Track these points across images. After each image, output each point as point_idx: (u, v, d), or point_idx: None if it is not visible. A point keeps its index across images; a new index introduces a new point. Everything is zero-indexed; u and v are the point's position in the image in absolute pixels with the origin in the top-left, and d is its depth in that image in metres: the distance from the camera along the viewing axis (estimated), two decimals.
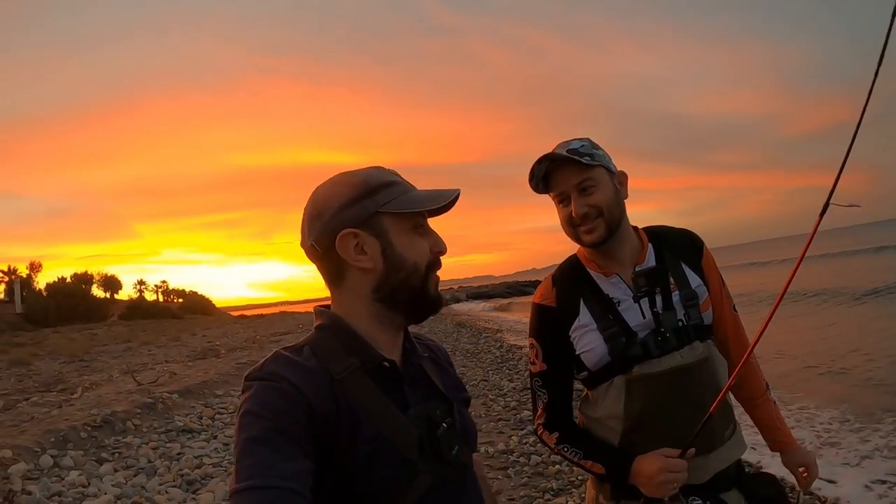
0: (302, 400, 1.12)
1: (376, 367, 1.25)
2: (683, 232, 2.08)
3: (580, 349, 1.91)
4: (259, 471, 1.03)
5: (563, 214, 1.90)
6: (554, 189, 1.90)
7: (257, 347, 16.53)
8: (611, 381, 1.88)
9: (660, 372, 1.83)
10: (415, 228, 1.29)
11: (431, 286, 1.32)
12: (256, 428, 1.08)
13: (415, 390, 1.31)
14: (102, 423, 7.00)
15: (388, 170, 1.35)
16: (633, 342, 1.86)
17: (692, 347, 1.86)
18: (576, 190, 1.86)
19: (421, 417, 1.26)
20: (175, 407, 8.36)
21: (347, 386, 1.20)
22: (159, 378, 10.97)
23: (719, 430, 1.87)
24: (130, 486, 5.31)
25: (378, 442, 1.17)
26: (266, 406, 1.10)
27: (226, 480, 5.27)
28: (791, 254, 50.49)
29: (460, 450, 1.30)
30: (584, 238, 1.89)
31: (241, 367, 11.97)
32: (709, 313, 1.95)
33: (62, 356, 17.69)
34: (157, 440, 6.86)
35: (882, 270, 25.13)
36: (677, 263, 1.96)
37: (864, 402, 8.02)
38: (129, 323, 37.78)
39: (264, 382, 1.14)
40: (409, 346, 1.37)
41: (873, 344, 12.04)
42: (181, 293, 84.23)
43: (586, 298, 1.94)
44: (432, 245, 1.32)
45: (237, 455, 1.07)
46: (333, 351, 1.24)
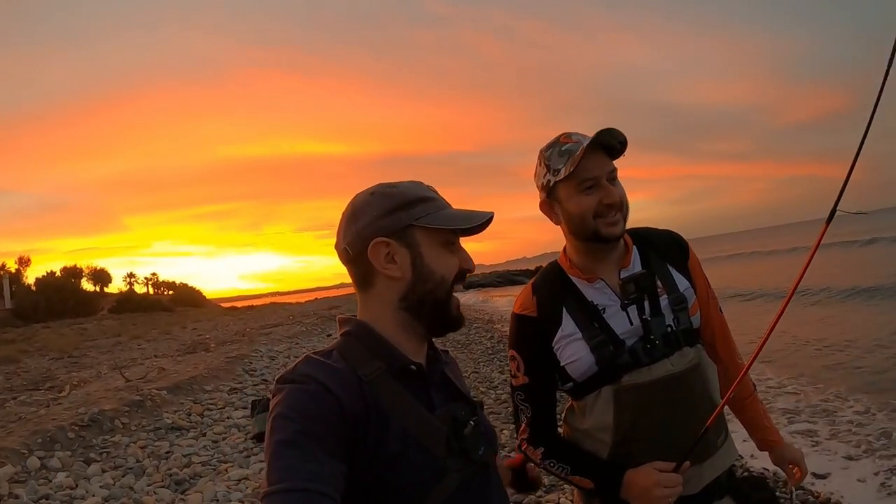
0: (333, 401, 1.14)
1: (403, 370, 1.28)
2: (667, 233, 2.01)
3: (565, 360, 1.83)
4: (289, 474, 1.04)
5: (587, 203, 1.77)
6: (585, 173, 1.75)
7: (247, 340, 16.46)
8: (598, 392, 1.80)
9: (650, 381, 1.76)
10: (445, 244, 1.33)
11: (453, 304, 1.35)
12: (287, 431, 1.10)
13: (439, 393, 1.35)
14: (90, 422, 6.95)
15: (426, 186, 1.38)
16: (621, 350, 1.78)
17: (682, 354, 1.79)
18: (607, 177, 1.77)
19: (447, 417, 1.29)
20: (164, 404, 8.30)
21: (375, 387, 1.22)
22: (148, 374, 10.94)
23: (713, 438, 1.81)
24: (119, 487, 5.28)
25: (407, 441, 1.20)
26: (297, 409, 1.12)
27: (215, 480, 5.25)
28: (782, 245, 50.32)
29: (485, 450, 1.33)
30: (605, 230, 1.77)
31: (231, 362, 11.96)
32: (697, 317, 1.89)
33: (51, 352, 17.62)
34: (146, 438, 6.81)
35: (873, 265, 24.47)
36: (664, 266, 1.90)
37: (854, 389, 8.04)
38: (120, 317, 37.69)
39: (295, 385, 1.16)
40: (433, 353, 1.40)
41: (865, 337, 11.82)
42: (171, 285, 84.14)
43: (569, 307, 1.86)
44: (462, 262, 1.35)
45: (268, 458, 1.09)
46: (360, 355, 1.27)
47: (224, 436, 6.94)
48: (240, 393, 9.48)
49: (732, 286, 23.11)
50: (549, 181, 1.81)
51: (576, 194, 1.79)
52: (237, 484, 5.02)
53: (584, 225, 1.79)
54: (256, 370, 11.61)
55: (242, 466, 5.62)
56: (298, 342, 16.31)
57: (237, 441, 6.60)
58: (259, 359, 12.93)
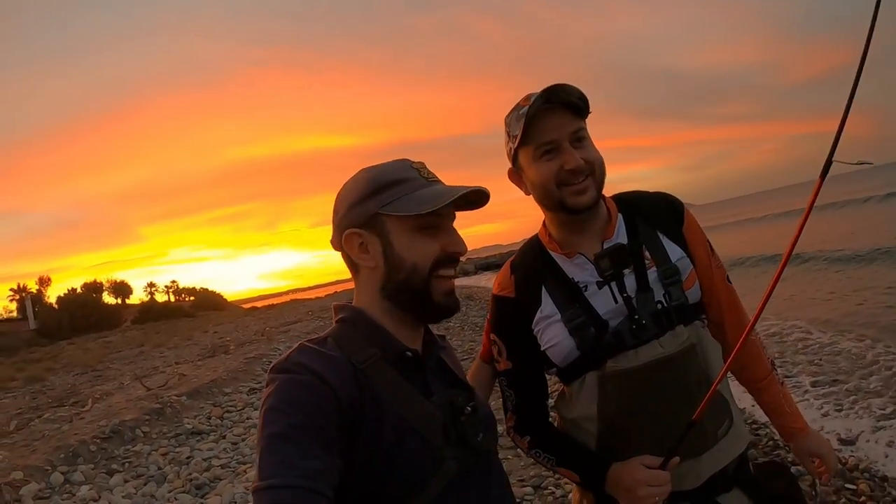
0: (328, 391, 1.12)
1: (399, 356, 1.26)
2: (659, 196, 1.79)
3: (545, 344, 1.67)
4: (279, 469, 1.02)
5: (549, 169, 1.60)
6: (541, 137, 1.59)
7: (266, 340, 16.58)
8: (583, 379, 1.64)
9: (637, 367, 1.58)
10: (419, 229, 1.26)
11: (436, 290, 1.28)
12: (279, 424, 1.07)
13: (436, 379, 1.32)
14: (112, 433, 7.06)
15: (408, 164, 1.32)
16: (604, 333, 1.61)
17: (675, 334, 1.60)
18: (569, 139, 1.58)
19: (444, 404, 1.26)
20: (183, 410, 8.42)
21: (370, 375, 1.20)
22: (168, 381, 11.06)
23: (711, 429, 1.62)
24: (141, 495, 5.37)
25: (403, 428, 1.18)
26: (290, 401, 1.10)
27: (234, 482, 5.34)
28: (789, 206, 47.90)
29: (485, 436, 1.29)
30: (571, 200, 1.60)
31: (250, 362, 12.06)
32: (695, 290, 1.68)
33: (76, 368, 17.82)
34: (167, 445, 6.93)
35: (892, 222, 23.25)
36: (653, 235, 1.69)
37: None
38: (143, 326, 37.99)
39: (289, 375, 1.14)
40: (430, 338, 1.37)
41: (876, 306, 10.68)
42: (192, 291, 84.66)
43: (548, 285, 1.69)
44: (446, 244, 1.28)
45: (259, 452, 1.06)
46: (355, 342, 1.24)
47: (244, 437, 7.03)
48: (258, 393, 9.54)
49: (741, 253, 22.09)
50: (511, 148, 1.67)
51: (534, 161, 1.63)
52: None
53: (548, 194, 1.63)
54: None
55: None
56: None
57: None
58: (277, 356, 12.95)
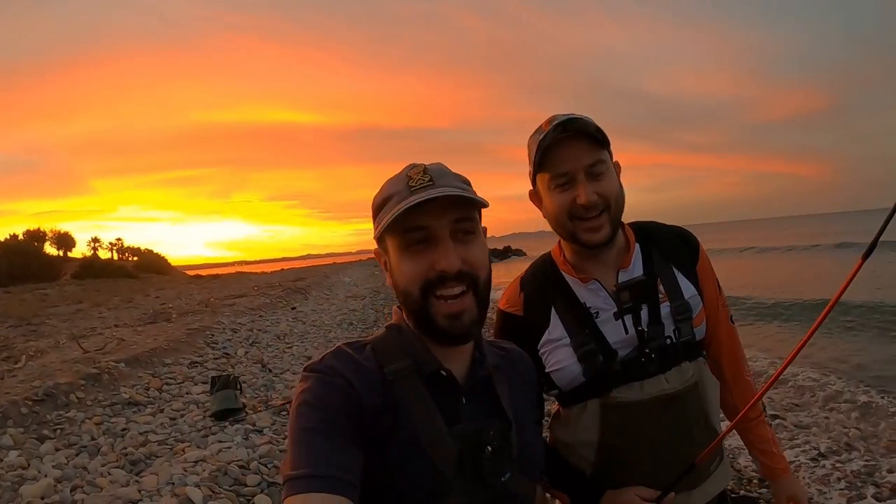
0: (354, 395, 1.16)
1: (432, 374, 1.23)
2: (676, 230, 1.82)
3: (550, 366, 1.69)
4: (314, 459, 1.06)
5: (561, 202, 1.60)
6: (557, 168, 1.59)
7: (210, 311, 16.25)
8: (585, 405, 1.67)
9: (641, 400, 1.62)
10: (405, 247, 1.22)
11: (437, 312, 1.21)
12: (313, 419, 1.12)
13: (473, 404, 1.27)
14: (45, 396, 6.77)
15: (401, 176, 1.25)
16: (612, 362, 1.64)
17: (680, 370, 1.64)
18: (585, 172, 1.57)
19: (469, 435, 1.21)
20: (121, 377, 8.13)
21: (398, 387, 1.21)
22: (107, 345, 10.72)
23: (706, 465, 1.67)
24: (72, 466, 5.14)
25: (412, 447, 1.17)
26: (322, 398, 1.14)
27: (171, 461, 5.15)
28: (743, 241, 49.85)
29: (512, 477, 1.23)
30: (584, 236, 1.62)
31: (192, 334, 11.76)
32: (702, 328, 1.73)
33: (10, 319, 17.28)
34: (102, 414, 6.66)
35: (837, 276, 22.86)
36: (668, 269, 1.71)
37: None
38: (82, 282, 37.12)
39: (320, 375, 1.18)
40: (479, 355, 1.32)
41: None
42: (136, 251, 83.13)
43: (558, 307, 1.70)
44: (434, 262, 1.20)
45: (291, 442, 1.11)
46: (392, 352, 1.25)
47: (182, 412, 6.82)
48: (200, 367, 9.32)
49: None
50: (530, 171, 1.67)
51: (549, 190, 1.64)
52: (194, 466, 4.91)
53: (561, 226, 1.65)
54: (218, 343, 11.41)
55: (200, 447, 5.52)
56: (262, 315, 16.13)
57: (196, 418, 6.49)
58: (222, 331, 12.72)
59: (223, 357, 10.16)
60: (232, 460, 4.93)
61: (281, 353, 10.95)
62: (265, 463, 4.97)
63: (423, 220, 1.19)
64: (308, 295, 23.67)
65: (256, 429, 6.06)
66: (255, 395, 7.57)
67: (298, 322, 15.54)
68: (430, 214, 1.18)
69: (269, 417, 6.42)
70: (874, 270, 18.34)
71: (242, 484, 4.63)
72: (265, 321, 15.06)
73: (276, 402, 7.04)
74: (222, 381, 6.91)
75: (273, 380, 8.69)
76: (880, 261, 18.50)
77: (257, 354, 10.46)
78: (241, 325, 13.81)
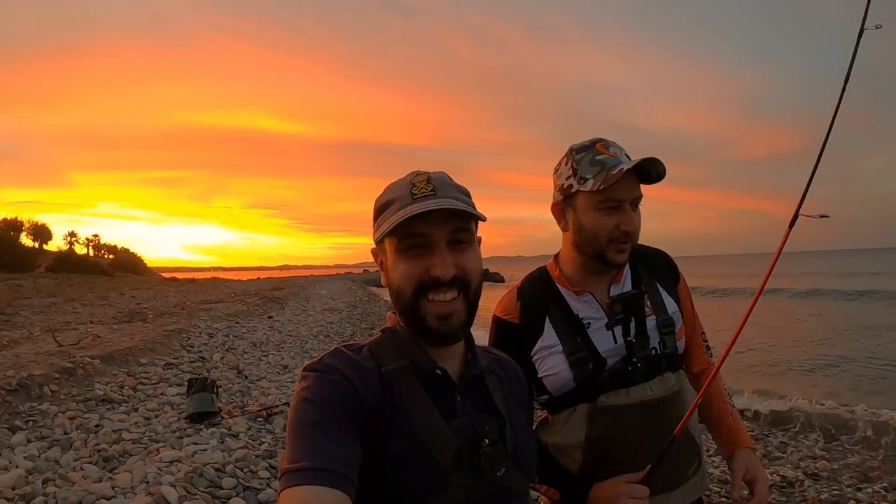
0: (354, 392, 1.18)
1: (428, 372, 1.27)
2: (659, 252, 1.97)
3: (543, 372, 1.79)
4: (313, 453, 1.08)
5: (605, 224, 1.71)
6: (613, 193, 1.69)
7: (186, 314, 16.15)
8: (573, 409, 1.78)
9: (627, 405, 1.73)
10: (401, 251, 1.26)
11: (428, 313, 1.25)
12: (312, 414, 1.14)
13: (468, 401, 1.31)
14: (18, 386, 6.69)
15: (404, 181, 1.30)
16: (601, 370, 1.75)
17: (663, 379, 1.77)
18: (631, 204, 1.72)
19: (466, 429, 1.25)
20: (96, 374, 8.05)
21: (396, 385, 1.24)
22: (82, 340, 10.64)
23: (684, 465, 1.79)
24: (44, 459, 5.09)
25: (412, 443, 1.19)
26: (321, 394, 1.17)
27: (145, 460, 5.10)
28: (713, 280, 50.12)
29: (508, 472, 1.27)
30: (612, 256, 1.74)
31: (168, 335, 11.68)
32: (682, 342, 1.86)
33: None
34: (75, 409, 6.59)
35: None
36: (654, 286, 1.86)
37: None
38: (56, 276, 36.80)
39: (320, 374, 1.21)
40: (472, 356, 1.37)
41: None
42: (113, 249, 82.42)
43: (553, 317, 1.81)
44: (429, 268, 1.24)
45: (290, 436, 1.13)
46: (389, 352, 1.29)
47: (157, 413, 6.75)
48: (175, 369, 9.25)
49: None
50: (572, 186, 1.75)
51: (595, 210, 1.73)
52: (169, 466, 4.87)
53: (594, 244, 1.75)
54: (194, 346, 11.35)
55: (175, 447, 5.47)
56: (239, 321, 16.05)
57: (170, 420, 6.43)
58: (198, 335, 12.66)
59: (199, 360, 10.08)
60: (208, 462, 4.88)
61: (257, 361, 10.88)
62: (241, 467, 4.93)
63: (422, 227, 1.23)
64: (285, 305, 23.56)
65: (232, 433, 6.01)
66: (231, 401, 7.51)
67: (275, 331, 15.45)
68: (430, 223, 1.23)
69: (245, 423, 6.37)
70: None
71: (218, 486, 4.59)
72: (242, 328, 14.98)
73: (252, 408, 7.00)
74: (199, 383, 6.86)
75: (249, 386, 8.62)
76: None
77: (233, 360, 10.38)
78: (218, 331, 13.73)
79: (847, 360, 13.21)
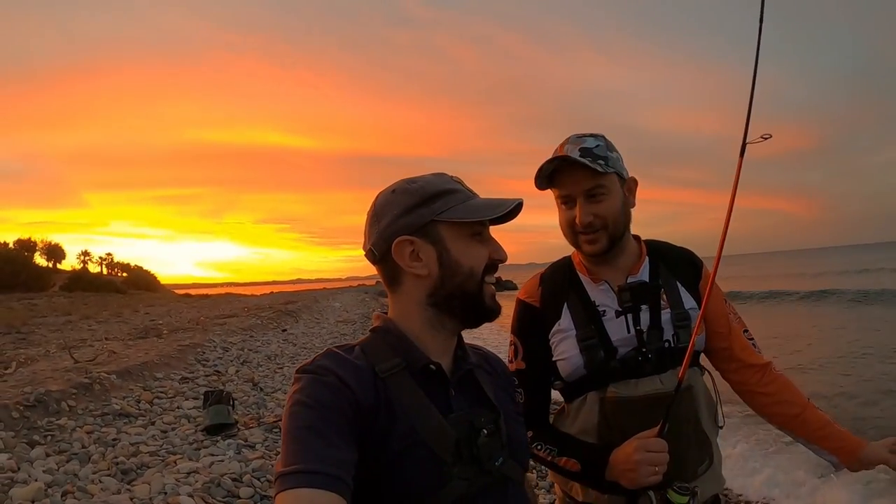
0: (348, 393, 1.18)
1: (421, 368, 1.28)
2: (683, 251, 1.98)
3: (557, 355, 1.84)
4: (306, 456, 1.07)
5: (565, 217, 1.82)
6: (559, 189, 1.81)
7: (201, 329, 16.20)
8: (584, 397, 1.82)
9: (636, 397, 1.74)
10: (472, 236, 1.31)
11: (487, 294, 1.32)
12: (305, 417, 1.14)
13: (461, 395, 1.33)
14: (36, 402, 6.73)
15: (449, 177, 1.37)
16: (612, 358, 1.77)
17: (675, 373, 1.73)
18: (583, 196, 1.76)
19: (462, 422, 1.27)
20: (112, 388, 8.09)
21: (390, 384, 1.24)
22: (98, 356, 10.67)
23: (692, 462, 1.77)
24: (63, 472, 5.12)
25: (411, 440, 1.20)
26: (314, 397, 1.16)
27: (163, 472, 5.13)
28: (723, 281, 50.05)
29: (505, 462, 1.29)
30: (583, 247, 1.82)
31: (183, 350, 11.73)
32: (700, 339, 1.83)
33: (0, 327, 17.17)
34: (93, 423, 6.63)
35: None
36: (672, 282, 1.87)
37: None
38: (71, 295, 37.00)
39: (313, 376, 1.20)
40: (462, 352, 1.39)
41: None
42: (126, 267, 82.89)
43: (571, 302, 1.86)
44: (492, 252, 1.33)
45: (285, 440, 1.12)
46: (381, 351, 1.29)
47: (174, 426, 6.79)
48: (191, 382, 9.30)
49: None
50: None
51: (559, 206, 1.85)
52: (186, 477, 4.90)
53: (567, 236, 1.85)
54: (209, 360, 11.38)
55: (192, 459, 5.50)
56: (253, 335, 16.09)
57: (187, 432, 6.47)
58: (213, 349, 12.69)
59: (214, 374, 10.12)
60: (225, 473, 4.91)
61: (272, 373, 10.90)
62: (258, 476, 4.95)
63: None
64: (299, 318, 23.60)
65: (249, 444, 6.03)
66: (247, 413, 7.54)
67: (289, 344, 15.49)
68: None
69: (262, 434, 6.40)
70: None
71: (235, 496, 4.61)
72: (256, 341, 15.01)
73: (268, 420, 7.02)
74: (215, 395, 6.89)
75: (265, 398, 8.66)
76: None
77: (248, 373, 10.42)
78: (232, 345, 13.76)
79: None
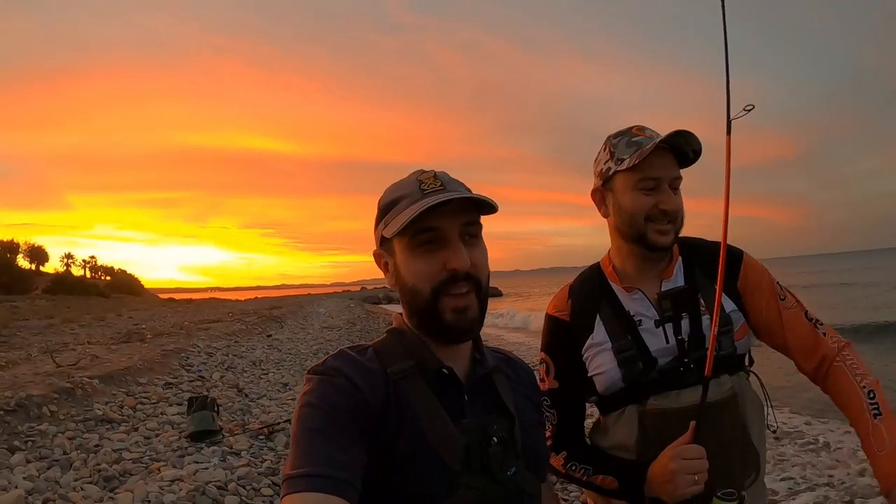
0: (358, 395, 1.15)
1: (434, 372, 1.25)
2: (717, 245, 1.75)
3: (592, 370, 1.74)
4: (314, 459, 1.06)
5: (643, 202, 1.67)
6: (649, 171, 1.66)
7: (185, 334, 16.07)
8: (623, 410, 1.71)
9: (678, 409, 1.63)
10: (414, 248, 1.23)
11: (446, 308, 1.22)
12: (314, 419, 1.11)
13: (476, 401, 1.28)
14: (17, 406, 6.61)
15: (411, 179, 1.29)
16: (651, 369, 1.67)
17: (719, 382, 1.63)
18: (670, 184, 1.68)
19: (474, 429, 1.22)
20: (95, 393, 7.98)
21: (401, 386, 1.21)
22: (80, 361, 10.55)
23: (737, 475, 1.66)
24: (44, 479, 5.02)
25: (419, 443, 1.17)
26: (324, 399, 1.14)
27: (146, 479, 5.05)
28: None
29: (518, 472, 1.24)
30: (652, 236, 1.68)
31: (167, 355, 11.61)
32: (744, 342, 1.73)
33: None
34: (74, 429, 6.52)
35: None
36: (709, 284, 1.72)
37: None
38: (54, 298, 36.70)
39: (323, 377, 1.18)
40: (479, 356, 1.34)
41: None
42: (110, 270, 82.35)
43: (603, 313, 1.76)
44: (448, 261, 1.21)
45: (293, 443, 1.11)
46: (395, 353, 1.26)
47: (157, 432, 6.70)
48: (175, 388, 9.19)
49: None
50: (610, 168, 1.72)
51: (633, 189, 1.69)
52: (170, 484, 4.82)
53: (633, 224, 1.70)
54: (193, 366, 11.28)
55: (176, 466, 5.42)
56: (238, 340, 15.99)
57: (171, 438, 6.38)
58: (197, 354, 12.59)
59: (198, 380, 10.02)
60: (210, 481, 4.84)
61: (257, 379, 10.83)
62: (243, 484, 4.88)
63: (434, 221, 1.20)
64: (283, 323, 23.50)
65: (234, 451, 5.96)
66: (232, 419, 7.46)
67: (274, 349, 15.40)
68: (442, 216, 1.21)
69: (247, 441, 6.32)
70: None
71: None
72: (241, 347, 14.92)
73: (253, 426, 6.94)
74: (199, 402, 6.80)
75: (249, 404, 8.57)
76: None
77: (233, 379, 10.33)
78: (217, 350, 13.66)
79: None
